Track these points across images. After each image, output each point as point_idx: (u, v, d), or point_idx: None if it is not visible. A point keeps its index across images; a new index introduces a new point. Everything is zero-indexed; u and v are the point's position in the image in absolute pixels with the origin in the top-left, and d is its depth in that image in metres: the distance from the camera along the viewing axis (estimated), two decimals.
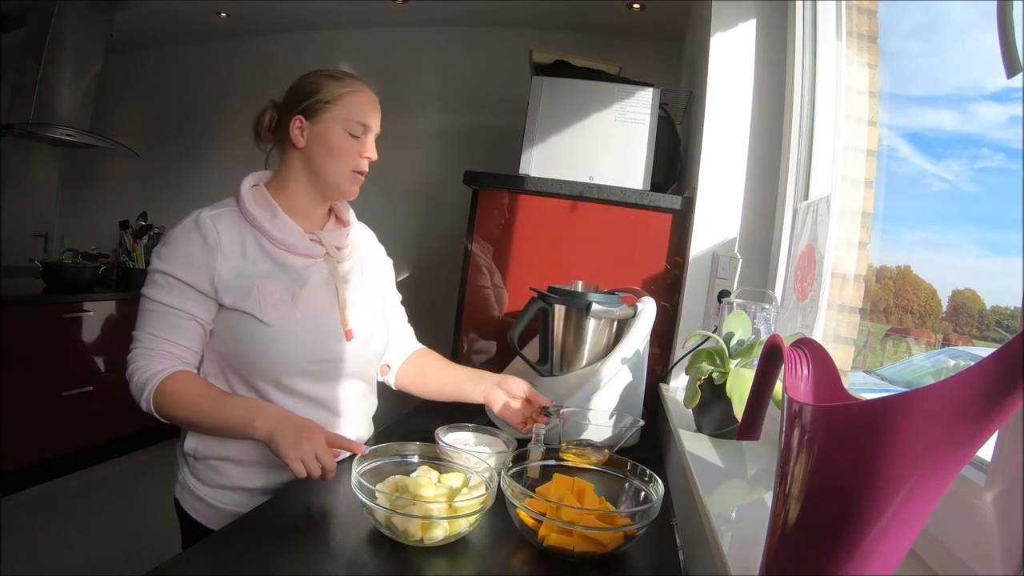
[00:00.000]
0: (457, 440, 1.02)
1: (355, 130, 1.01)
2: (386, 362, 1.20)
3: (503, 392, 1.13)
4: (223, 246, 0.95)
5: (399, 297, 1.24)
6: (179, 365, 0.94)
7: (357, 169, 1.02)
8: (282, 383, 0.97)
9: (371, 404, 1.15)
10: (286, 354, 0.95)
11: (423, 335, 1.28)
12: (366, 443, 1.11)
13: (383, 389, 1.19)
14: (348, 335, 1.01)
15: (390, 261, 1.23)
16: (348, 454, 0.96)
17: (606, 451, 1.01)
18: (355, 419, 1.09)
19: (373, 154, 1.04)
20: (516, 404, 1.13)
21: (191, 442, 0.98)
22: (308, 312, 0.98)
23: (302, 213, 1.03)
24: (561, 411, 1.09)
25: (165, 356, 0.93)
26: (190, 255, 0.93)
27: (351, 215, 1.14)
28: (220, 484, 0.98)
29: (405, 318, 1.25)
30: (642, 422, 1.08)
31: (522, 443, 0.98)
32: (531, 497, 0.75)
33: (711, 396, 1.02)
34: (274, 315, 0.94)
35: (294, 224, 1.00)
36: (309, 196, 1.04)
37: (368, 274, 1.13)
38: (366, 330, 1.05)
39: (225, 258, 0.94)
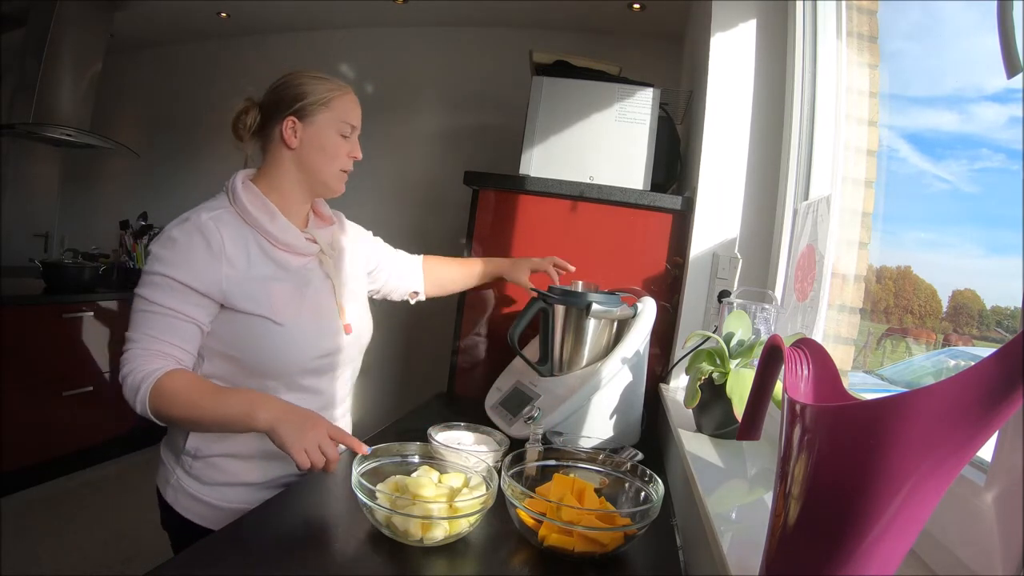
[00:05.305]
0: (450, 439, 1.03)
1: (345, 131, 1.05)
2: (414, 290, 1.36)
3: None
4: (228, 250, 0.95)
5: (379, 239, 1.30)
6: (173, 365, 0.91)
7: (346, 168, 1.07)
8: (292, 380, 1.00)
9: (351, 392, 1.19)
10: (297, 353, 0.99)
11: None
12: (365, 441, 1.11)
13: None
14: (347, 329, 1.06)
15: (367, 233, 1.27)
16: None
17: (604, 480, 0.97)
18: (345, 406, 1.14)
19: (359, 153, 1.08)
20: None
21: (193, 440, 0.98)
22: (314, 310, 1.02)
23: (293, 212, 1.06)
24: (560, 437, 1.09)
25: (160, 356, 0.91)
26: (193, 259, 0.92)
27: (329, 211, 1.17)
28: (221, 481, 0.99)
29: (390, 248, 1.32)
30: (640, 455, 1.00)
31: (517, 442, 0.98)
32: (531, 497, 0.75)
33: (711, 396, 1.02)
34: (285, 315, 0.97)
35: (291, 224, 1.03)
36: (300, 195, 1.06)
37: (350, 266, 1.16)
38: (359, 323, 1.10)
39: (231, 262, 0.95)
